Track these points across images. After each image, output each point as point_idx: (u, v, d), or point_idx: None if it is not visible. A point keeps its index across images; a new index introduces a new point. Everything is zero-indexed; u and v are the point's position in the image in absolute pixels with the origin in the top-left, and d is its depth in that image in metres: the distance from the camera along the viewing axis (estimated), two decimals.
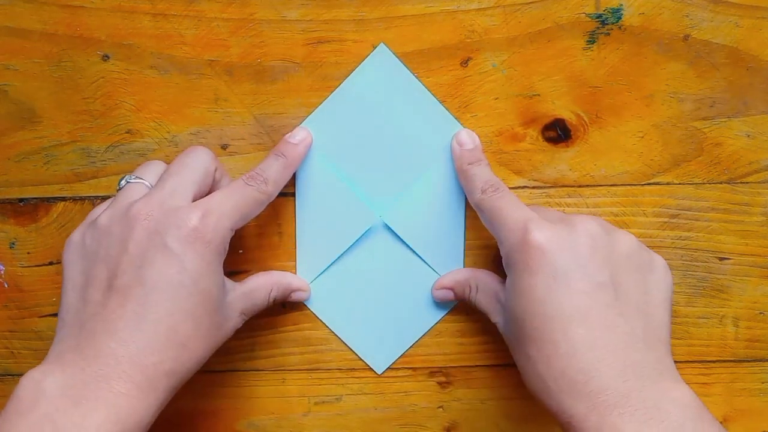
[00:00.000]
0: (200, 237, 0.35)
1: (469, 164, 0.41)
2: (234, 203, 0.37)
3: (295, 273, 0.44)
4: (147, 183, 0.39)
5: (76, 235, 0.38)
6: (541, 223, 0.36)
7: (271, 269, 0.44)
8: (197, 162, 0.39)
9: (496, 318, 0.39)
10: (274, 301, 0.42)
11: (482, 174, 0.40)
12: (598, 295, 0.35)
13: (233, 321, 0.39)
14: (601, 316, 0.34)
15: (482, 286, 0.41)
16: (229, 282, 0.39)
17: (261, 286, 0.41)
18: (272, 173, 0.39)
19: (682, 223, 0.43)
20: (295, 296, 0.43)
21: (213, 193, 0.38)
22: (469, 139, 0.42)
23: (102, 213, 0.38)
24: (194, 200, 0.37)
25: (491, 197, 0.39)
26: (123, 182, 0.39)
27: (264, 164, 0.40)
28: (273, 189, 0.39)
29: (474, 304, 0.41)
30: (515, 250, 0.36)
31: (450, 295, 0.43)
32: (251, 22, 0.41)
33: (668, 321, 0.37)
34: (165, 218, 0.36)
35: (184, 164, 0.39)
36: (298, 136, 0.41)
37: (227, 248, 0.37)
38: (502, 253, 0.38)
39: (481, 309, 0.41)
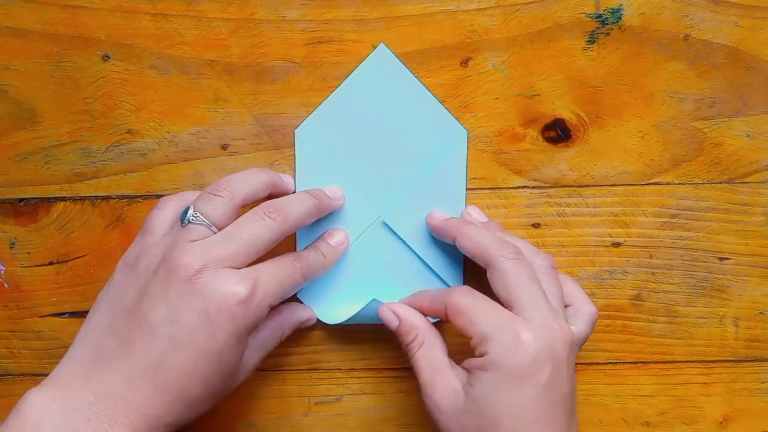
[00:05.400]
0: (241, 313, 0.35)
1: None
2: (279, 282, 0.37)
3: None
4: (213, 229, 0.37)
5: (134, 250, 0.38)
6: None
7: None
8: (268, 236, 0.37)
9: (433, 391, 0.37)
10: (286, 339, 0.42)
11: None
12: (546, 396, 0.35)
13: (241, 379, 0.39)
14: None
15: (428, 346, 0.39)
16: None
17: (272, 331, 0.41)
18: (314, 268, 0.40)
19: (682, 223, 0.43)
20: (305, 325, 0.43)
21: (263, 266, 0.37)
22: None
23: (160, 241, 0.37)
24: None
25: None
26: (193, 218, 0.37)
27: (308, 256, 0.40)
28: (309, 280, 0.40)
29: (409, 358, 0.39)
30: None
31: (395, 322, 0.40)
32: (251, 22, 0.41)
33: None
34: (213, 280, 0.35)
35: (256, 235, 0.37)
36: (337, 238, 0.42)
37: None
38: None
39: (415, 369, 0.38)
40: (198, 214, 0.37)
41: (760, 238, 0.44)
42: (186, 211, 0.37)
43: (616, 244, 0.44)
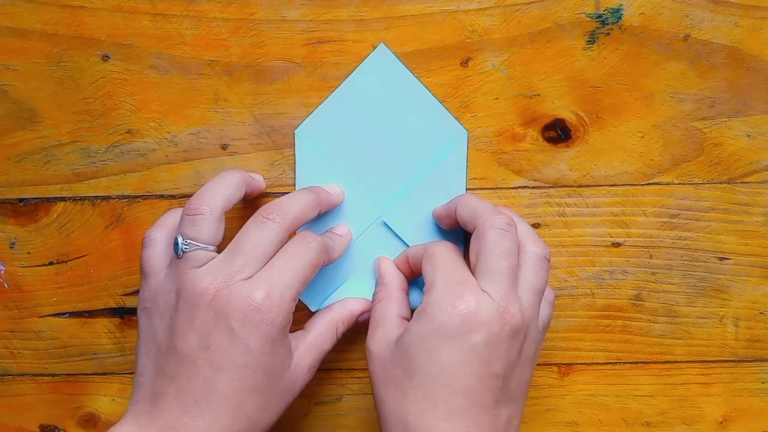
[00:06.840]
0: (264, 318, 0.35)
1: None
2: (293, 272, 0.37)
3: None
4: (210, 248, 0.37)
5: (145, 294, 0.38)
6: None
7: None
8: (271, 238, 0.37)
9: (370, 338, 0.39)
10: (342, 335, 0.41)
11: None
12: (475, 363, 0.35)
13: (301, 380, 0.39)
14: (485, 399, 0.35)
15: (385, 304, 0.40)
16: (293, 340, 0.38)
17: (325, 329, 0.40)
18: (328, 247, 0.40)
19: (682, 223, 0.43)
20: (364, 318, 0.42)
21: (272, 262, 0.37)
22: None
23: (165, 277, 0.37)
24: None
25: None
26: (185, 247, 0.37)
27: (320, 236, 0.39)
28: (328, 258, 0.39)
29: (372, 307, 0.41)
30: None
31: (377, 273, 0.43)
32: (251, 22, 0.41)
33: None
34: (229, 297, 0.35)
35: (259, 241, 0.37)
36: (342, 229, 0.42)
37: (291, 317, 0.37)
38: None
39: (372, 318, 0.40)
40: (188, 242, 0.37)
41: (760, 238, 0.44)
42: (176, 243, 0.37)
43: (616, 244, 0.44)
